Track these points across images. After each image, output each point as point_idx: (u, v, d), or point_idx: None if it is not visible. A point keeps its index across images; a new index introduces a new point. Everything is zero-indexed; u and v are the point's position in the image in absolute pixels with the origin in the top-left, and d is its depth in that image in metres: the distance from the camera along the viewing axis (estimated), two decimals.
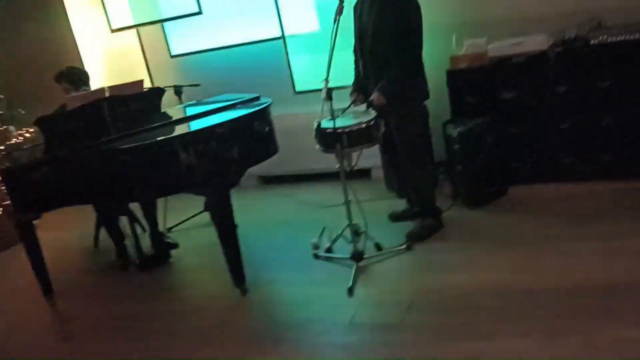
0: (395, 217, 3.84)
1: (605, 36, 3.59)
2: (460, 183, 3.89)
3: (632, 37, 3.51)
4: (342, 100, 3.49)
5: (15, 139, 4.87)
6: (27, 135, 4.95)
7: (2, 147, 4.73)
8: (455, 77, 4.00)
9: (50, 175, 3.27)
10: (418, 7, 3.31)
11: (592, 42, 3.62)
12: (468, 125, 3.80)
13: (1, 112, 4.86)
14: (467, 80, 3.97)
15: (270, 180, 5.06)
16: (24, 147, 4.81)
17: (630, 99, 3.60)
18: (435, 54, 3.87)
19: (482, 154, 3.80)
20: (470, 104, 4.00)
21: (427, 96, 3.48)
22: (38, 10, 5.57)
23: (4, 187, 4.56)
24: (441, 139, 3.98)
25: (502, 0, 4.10)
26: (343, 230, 3.53)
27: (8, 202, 4.52)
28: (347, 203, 3.32)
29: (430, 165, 3.59)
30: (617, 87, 3.60)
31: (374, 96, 3.29)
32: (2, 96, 4.97)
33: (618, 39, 3.55)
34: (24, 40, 5.72)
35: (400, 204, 3.86)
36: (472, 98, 3.99)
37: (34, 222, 3.69)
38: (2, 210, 4.63)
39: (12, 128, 4.88)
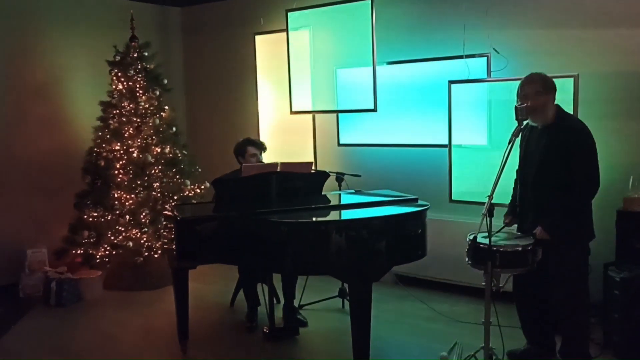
0: (514, 356, 3.57)
1: None
2: (615, 332, 3.58)
3: None
4: (500, 218, 3.46)
5: (187, 192, 5.40)
6: (198, 191, 5.47)
7: (176, 197, 5.27)
8: (626, 219, 3.78)
9: (214, 232, 3.55)
10: (592, 142, 3.22)
11: None
12: (633, 272, 3.53)
13: (183, 166, 5.43)
14: (638, 224, 3.73)
15: (406, 280, 5.03)
16: (193, 201, 5.33)
17: None
18: (607, 191, 3.71)
19: None
20: (638, 249, 3.72)
21: (592, 237, 3.32)
22: (235, 92, 6.35)
23: (165, 231, 5.10)
24: (600, 281, 3.73)
25: None
26: (477, 352, 3.38)
27: (168, 246, 5.01)
28: (487, 324, 3.20)
29: (586, 307, 3.35)
30: None
31: (538, 231, 3.21)
32: (185, 152, 5.59)
33: None
34: (217, 113, 6.50)
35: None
36: None
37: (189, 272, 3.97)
38: (162, 253, 5.12)
39: (187, 182, 5.42)
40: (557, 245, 3.20)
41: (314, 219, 3.54)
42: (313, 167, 4.21)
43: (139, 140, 5.23)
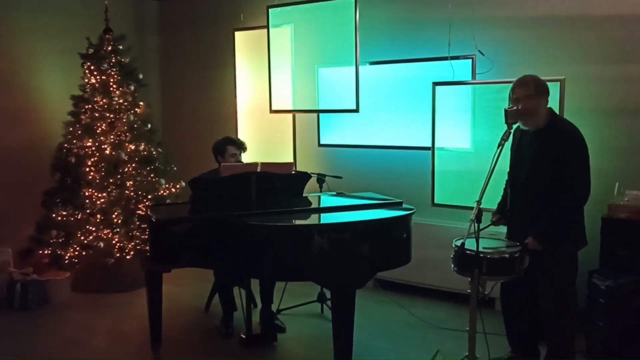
0: None
1: None
2: (599, 340, 3.54)
3: None
4: (487, 222, 3.38)
5: (162, 192, 5.22)
6: (174, 190, 5.30)
7: (150, 197, 5.09)
8: (611, 226, 3.73)
9: (190, 235, 3.40)
10: (585, 147, 3.14)
11: None
12: (618, 280, 3.50)
13: (158, 164, 5.25)
14: (623, 231, 3.69)
15: (386, 285, 4.93)
16: (168, 201, 5.16)
17: None
18: (592, 198, 3.65)
19: (629, 315, 3.45)
20: (622, 257, 3.69)
21: (584, 244, 3.25)
22: (213, 89, 6.18)
23: (138, 232, 4.92)
24: (584, 288, 3.68)
25: None
26: None
27: (141, 247, 4.84)
28: (473, 332, 3.12)
29: (573, 316, 3.29)
30: None
31: (529, 241, 3.13)
32: (160, 150, 5.40)
33: None
34: (194, 110, 6.33)
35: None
36: (626, 252, 3.68)
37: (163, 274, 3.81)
38: (134, 254, 4.94)
39: (162, 181, 5.25)
40: (548, 252, 3.12)
41: (294, 222, 3.42)
42: (294, 168, 4.07)
43: (112, 136, 5.04)
